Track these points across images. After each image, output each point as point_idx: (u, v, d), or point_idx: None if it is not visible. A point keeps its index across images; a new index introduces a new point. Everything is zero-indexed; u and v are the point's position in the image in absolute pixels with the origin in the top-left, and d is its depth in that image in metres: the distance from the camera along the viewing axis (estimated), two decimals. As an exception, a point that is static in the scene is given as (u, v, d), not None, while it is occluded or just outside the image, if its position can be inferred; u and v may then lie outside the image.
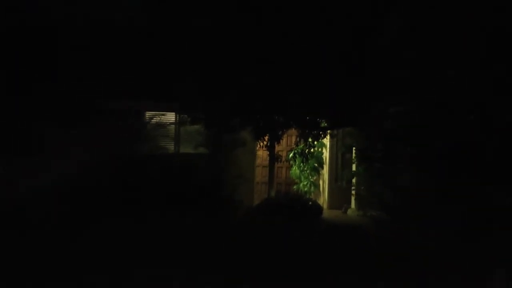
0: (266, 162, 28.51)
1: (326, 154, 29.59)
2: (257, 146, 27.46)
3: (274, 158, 26.43)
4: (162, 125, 26.76)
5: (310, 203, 25.62)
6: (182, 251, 18.84)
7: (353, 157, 25.90)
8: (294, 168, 29.08)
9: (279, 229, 23.10)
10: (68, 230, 20.38)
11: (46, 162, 22.72)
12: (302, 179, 28.75)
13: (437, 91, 19.77)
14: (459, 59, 18.58)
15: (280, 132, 25.11)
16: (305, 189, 28.33)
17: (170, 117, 26.93)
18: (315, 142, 27.36)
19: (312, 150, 27.71)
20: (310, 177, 28.81)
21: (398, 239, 20.64)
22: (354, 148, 25.80)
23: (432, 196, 19.84)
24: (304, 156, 27.70)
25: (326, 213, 27.76)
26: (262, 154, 30.34)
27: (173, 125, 26.91)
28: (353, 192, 27.05)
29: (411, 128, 20.54)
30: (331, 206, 29.26)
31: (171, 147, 27.18)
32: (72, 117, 23.35)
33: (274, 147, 26.28)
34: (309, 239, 21.55)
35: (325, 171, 29.48)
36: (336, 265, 17.60)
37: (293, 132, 28.98)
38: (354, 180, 26.56)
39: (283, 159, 28.56)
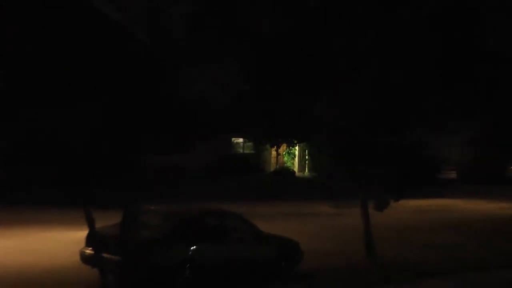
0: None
1: (296, 152, 75.01)
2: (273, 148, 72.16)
3: (278, 154, 71.88)
4: (238, 142, 71.40)
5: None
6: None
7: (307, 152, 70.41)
8: (285, 157, 74.73)
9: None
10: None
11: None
12: (288, 162, 74.95)
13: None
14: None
15: (280, 144, 68.92)
16: (288, 164, 74.76)
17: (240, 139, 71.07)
18: (291, 148, 72.84)
19: (291, 150, 73.65)
20: (289, 159, 75.24)
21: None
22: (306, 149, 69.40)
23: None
24: (288, 153, 73.98)
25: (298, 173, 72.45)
26: (274, 152, 75.53)
27: (242, 142, 71.34)
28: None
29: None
30: (299, 171, 74.42)
31: (241, 150, 72.56)
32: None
33: (278, 149, 71.20)
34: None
35: (296, 158, 75.50)
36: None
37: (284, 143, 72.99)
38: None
39: (282, 153, 74.44)
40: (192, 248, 18.09)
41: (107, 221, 17.58)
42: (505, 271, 22.14)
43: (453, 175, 63.59)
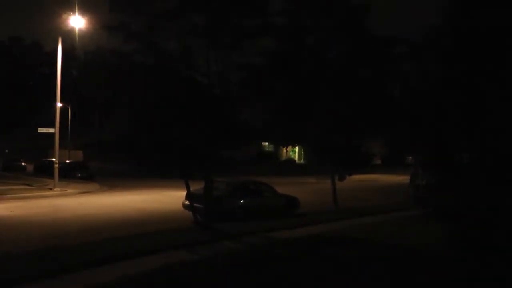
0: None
1: (296, 149, 75.76)
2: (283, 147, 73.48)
3: (286, 150, 72.76)
4: (265, 145, 72.23)
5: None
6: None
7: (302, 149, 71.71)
8: (290, 152, 75.76)
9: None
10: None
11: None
12: (291, 154, 75.79)
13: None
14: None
15: (287, 145, 70.20)
16: (292, 156, 75.45)
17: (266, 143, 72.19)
18: (293, 147, 73.69)
19: (293, 148, 74.42)
20: (293, 153, 75.92)
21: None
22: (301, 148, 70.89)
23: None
24: (292, 150, 74.70)
25: (298, 161, 73.04)
26: (284, 149, 76.63)
27: (267, 144, 72.34)
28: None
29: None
30: (298, 160, 75.01)
31: (266, 148, 73.17)
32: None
33: (286, 148, 72.27)
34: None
35: (296, 152, 76.29)
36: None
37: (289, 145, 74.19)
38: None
39: (288, 150, 75.38)
40: (241, 201, 19.49)
41: (196, 186, 18.17)
42: (397, 213, 22.95)
43: (378, 161, 66.20)
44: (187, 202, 18.76)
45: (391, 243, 15.32)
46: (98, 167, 48.99)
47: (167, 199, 25.93)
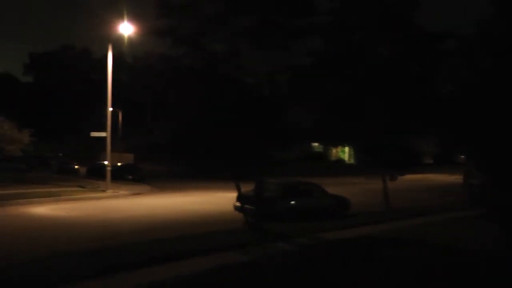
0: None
1: (346, 149, 75.05)
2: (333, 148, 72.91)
3: (336, 151, 72.20)
4: (315, 145, 71.85)
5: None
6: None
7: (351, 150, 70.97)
8: (340, 152, 75.15)
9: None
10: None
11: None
12: (341, 154, 75.13)
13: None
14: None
15: (337, 146, 69.53)
16: (341, 156, 74.81)
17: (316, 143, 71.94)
18: (343, 147, 73.01)
19: (343, 149, 73.75)
20: (342, 153, 75.22)
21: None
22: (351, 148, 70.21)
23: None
24: (342, 150, 74.00)
25: (347, 161, 72.41)
26: (334, 150, 76.03)
27: (317, 145, 72.02)
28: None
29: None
30: (347, 160, 74.27)
31: (316, 149, 72.79)
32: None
33: (336, 148, 71.69)
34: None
35: (346, 153, 75.57)
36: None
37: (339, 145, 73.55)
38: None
39: (338, 150, 74.74)
40: (292, 201, 19.52)
41: (247, 187, 18.39)
42: (450, 213, 22.52)
43: (430, 160, 66.96)
44: (238, 204, 18.95)
45: (448, 245, 15.01)
46: (148, 169, 49.72)
47: (218, 200, 26.21)
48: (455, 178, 37.96)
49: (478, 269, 12.04)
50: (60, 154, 66.95)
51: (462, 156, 69.43)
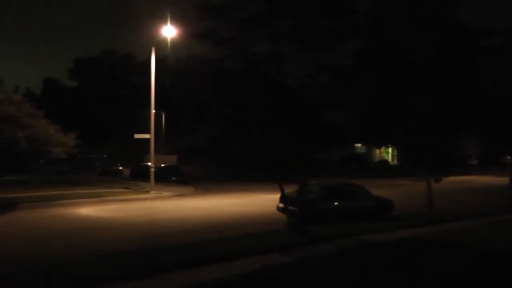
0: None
1: (390, 150, 73.87)
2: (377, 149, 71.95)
3: (379, 151, 71.24)
4: (357, 146, 71.10)
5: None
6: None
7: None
8: (384, 153, 74.08)
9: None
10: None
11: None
12: (385, 155, 74.11)
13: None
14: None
15: (380, 146, 68.39)
16: (385, 157, 73.77)
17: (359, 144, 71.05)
18: (386, 148, 71.92)
19: (386, 149, 72.56)
20: (386, 154, 74.15)
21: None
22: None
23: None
24: (385, 151, 72.88)
25: (391, 162, 71.25)
26: (377, 151, 74.89)
27: (360, 146, 71.32)
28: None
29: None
30: (391, 161, 73.10)
31: (359, 150, 71.93)
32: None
33: (380, 149, 70.73)
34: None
35: (390, 154, 74.45)
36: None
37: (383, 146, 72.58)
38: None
39: (382, 151, 73.67)
40: (335, 203, 19.39)
41: (290, 189, 18.42)
42: (496, 216, 22.00)
43: (475, 161, 64.43)
44: (281, 205, 19.03)
45: (495, 249, 14.62)
46: (191, 171, 50.21)
47: (261, 202, 26.23)
48: (501, 180, 36.75)
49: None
50: (104, 156, 68.39)
51: (509, 157, 67.80)
